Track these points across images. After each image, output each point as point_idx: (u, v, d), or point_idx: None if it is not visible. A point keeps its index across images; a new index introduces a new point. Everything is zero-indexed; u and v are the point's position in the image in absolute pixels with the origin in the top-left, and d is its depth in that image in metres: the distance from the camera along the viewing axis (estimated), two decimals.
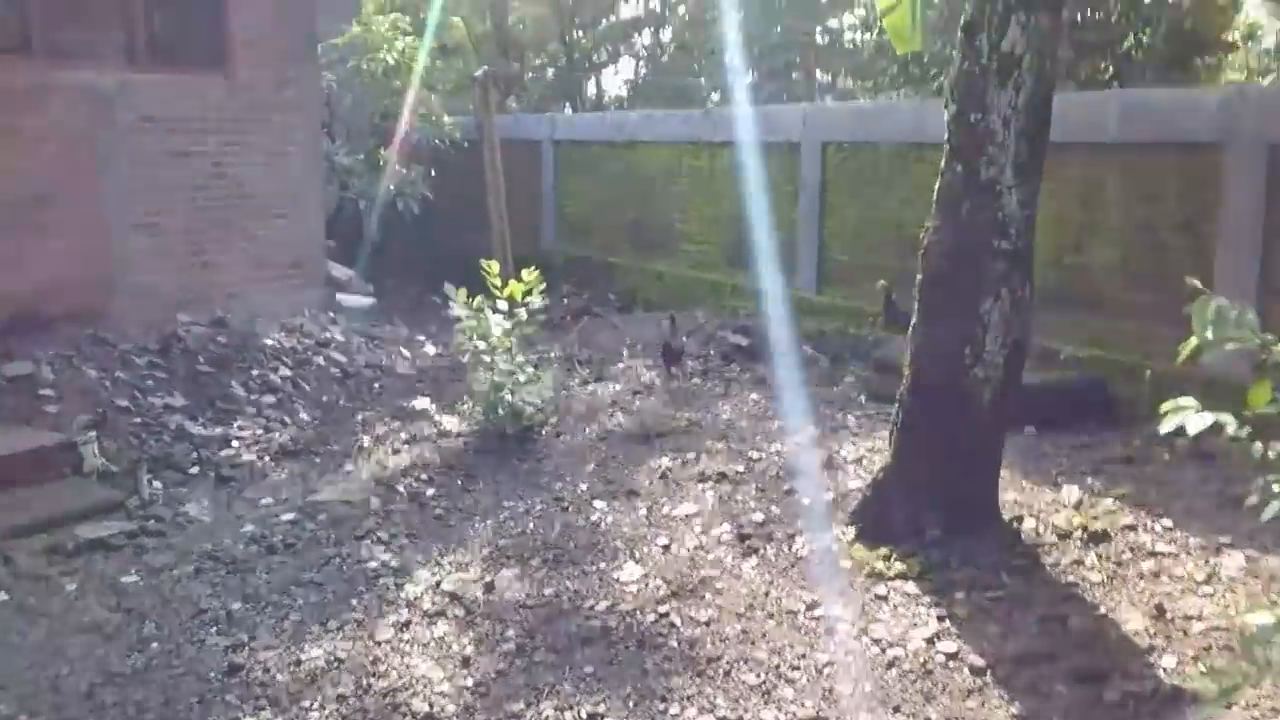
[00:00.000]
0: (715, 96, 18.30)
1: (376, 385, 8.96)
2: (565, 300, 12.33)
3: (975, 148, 4.92)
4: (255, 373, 8.24)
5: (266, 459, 6.85)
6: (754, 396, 8.15)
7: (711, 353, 9.46)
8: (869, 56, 14.19)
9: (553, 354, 9.64)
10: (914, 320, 5.23)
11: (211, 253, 9.20)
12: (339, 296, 10.74)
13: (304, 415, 7.92)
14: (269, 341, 8.78)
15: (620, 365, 9.33)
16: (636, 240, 12.33)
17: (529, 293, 7.27)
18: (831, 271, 9.73)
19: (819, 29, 17.51)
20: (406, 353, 10.10)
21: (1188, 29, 11.45)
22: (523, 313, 7.29)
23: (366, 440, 7.26)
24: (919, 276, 5.19)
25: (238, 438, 7.21)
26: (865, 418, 7.38)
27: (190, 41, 9.14)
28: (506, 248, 11.60)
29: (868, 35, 14.39)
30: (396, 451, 6.95)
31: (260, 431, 7.45)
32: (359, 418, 7.93)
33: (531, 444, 7.05)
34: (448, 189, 12.84)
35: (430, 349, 10.43)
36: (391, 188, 12.18)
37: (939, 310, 5.08)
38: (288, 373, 8.46)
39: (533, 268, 7.31)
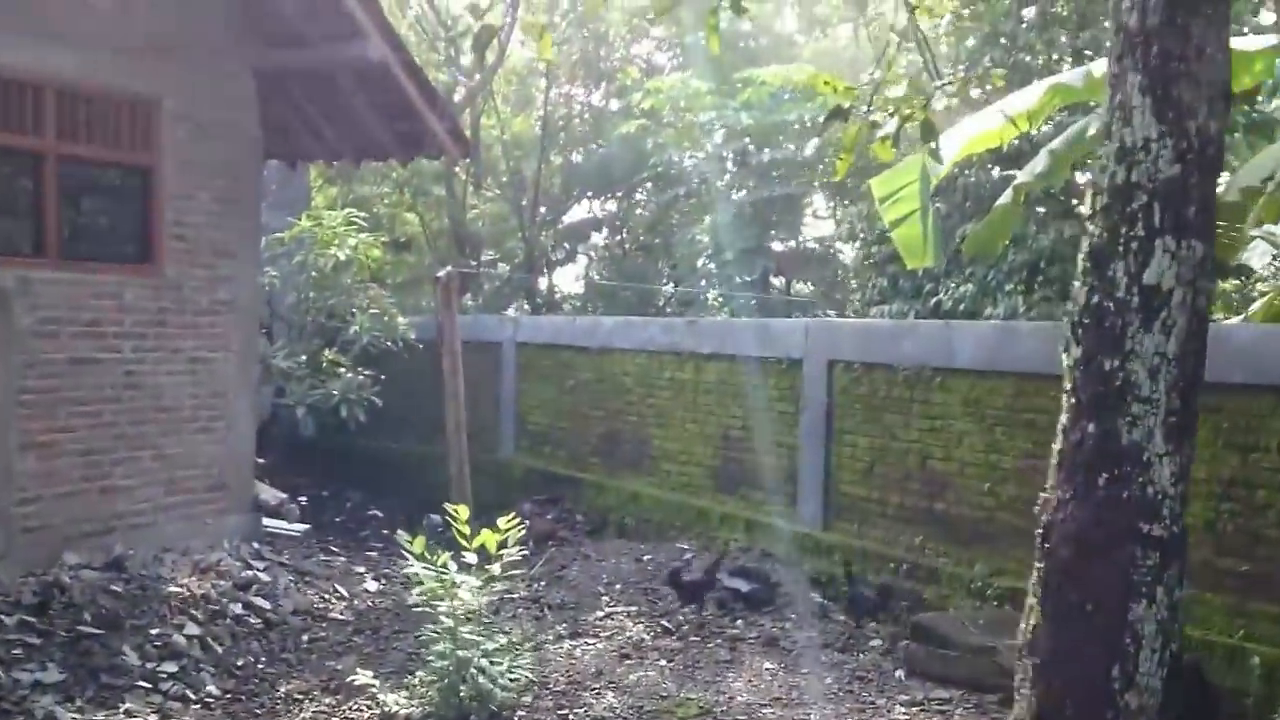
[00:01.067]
0: (675, 298, 17.56)
1: (305, 638, 7.43)
2: (527, 521, 10.91)
3: (1112, 403, 3.80)
4: (155, 632, 6.67)
5: None
6: (768, 666, 6.74)
7: (705, 599, 8.07)
8: (857, 268, 13.46)
9: (516, 593, 8.19)
10: (1031, 623, 3.97)
11: (115, 476, 7.73)
12: (266, 523, 9.24)
13: (211, 688, 6.34)
14: (175, 589, 7.24)
15: (600, 613, 7.90)
16: (609, 455, 11.08)
17: (504, 544, 5.95)
18: (840, 505, 8.52)
19: (797, 239, 16.98)
20: (344, 590, 8.58)
21: None
22: (496, 568, 5.95)
23: None
24: (1037, 566, 3.96)
25: None
26: (919, 711, 5.98)
27: (111, 234, 7.94)
28: (463, 461, 10.27)
29: (854, 245, 13.69)
30: None
31: (153, 717, 5.85)
32: (281, 691, 6.37)
33: None
34: (396, 389, 11.56)
35: (371, 584, 8.92)
36: (335, 393, 10.87)
37: (1072, 616, 3.83)
38: (196, 630, 6.89)
39: (498, 515, 6.00)
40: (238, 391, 8.56)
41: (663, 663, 6.83)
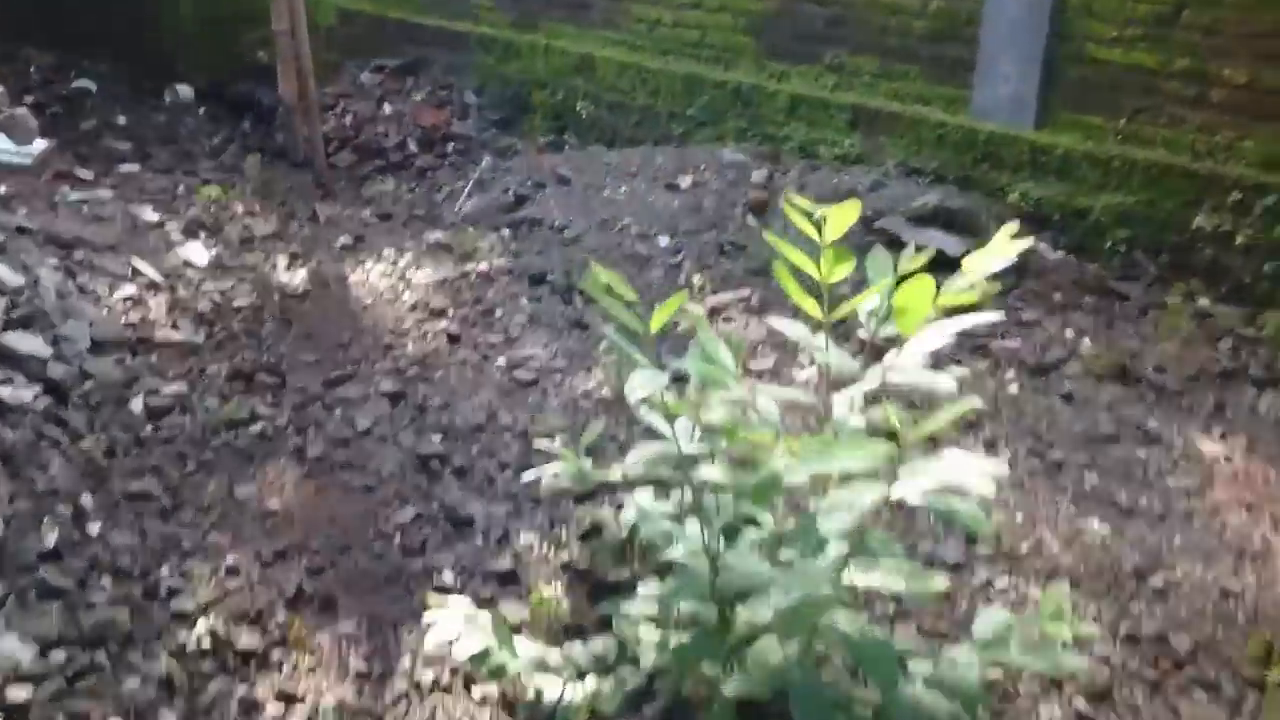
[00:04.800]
0: None
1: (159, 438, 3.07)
2: (386, 107, 6.32)
3: None
4: None
5: None
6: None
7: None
8: None
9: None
10: None
11: None
12: None
13: None
14: None
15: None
16: None
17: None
18: (1072, 85, 4.75)
19: None
20: (155, 272, 4.04)
21: None
22: None
23: None
24: None
25: None
26: None
27: None
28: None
29: None
30: None
31: None
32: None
33: None
34: None
35: (197, 252, 4.38)
36: None
37: None
38: None
39: None
40: None
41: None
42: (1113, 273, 4.28)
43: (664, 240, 4.71)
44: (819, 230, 1.76)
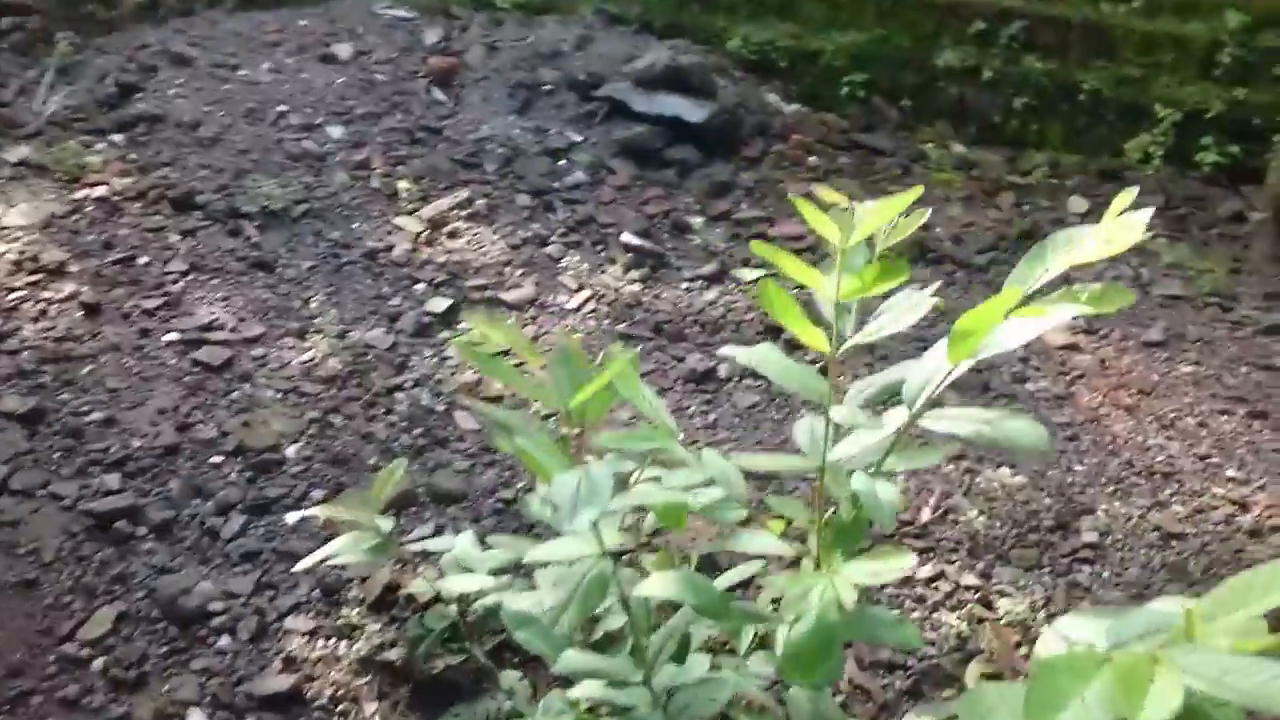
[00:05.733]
0: None
1: None
2: None
3: None
4: None
5: None
6: None
7: (581, 150, 3.70)
8: None
9: None
10: None
11: None
12: None
13: None
14: None
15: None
16: None
17: None
18: None
19: None
20: None
21: None
22: None
23: None
24: None
25: None
26: None
27: None
28: None
29: None
30: None
31: None
32: None
33: None
34: None
35: None
36: None
37: None
38: None
39: None
40: None
41: None
42: (855, 124, 3.90)
43: (336, 130, 3.75)
44: (841, 229, 1.09)
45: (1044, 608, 2.01)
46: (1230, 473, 2.37)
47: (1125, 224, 0.97)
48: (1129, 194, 0.97)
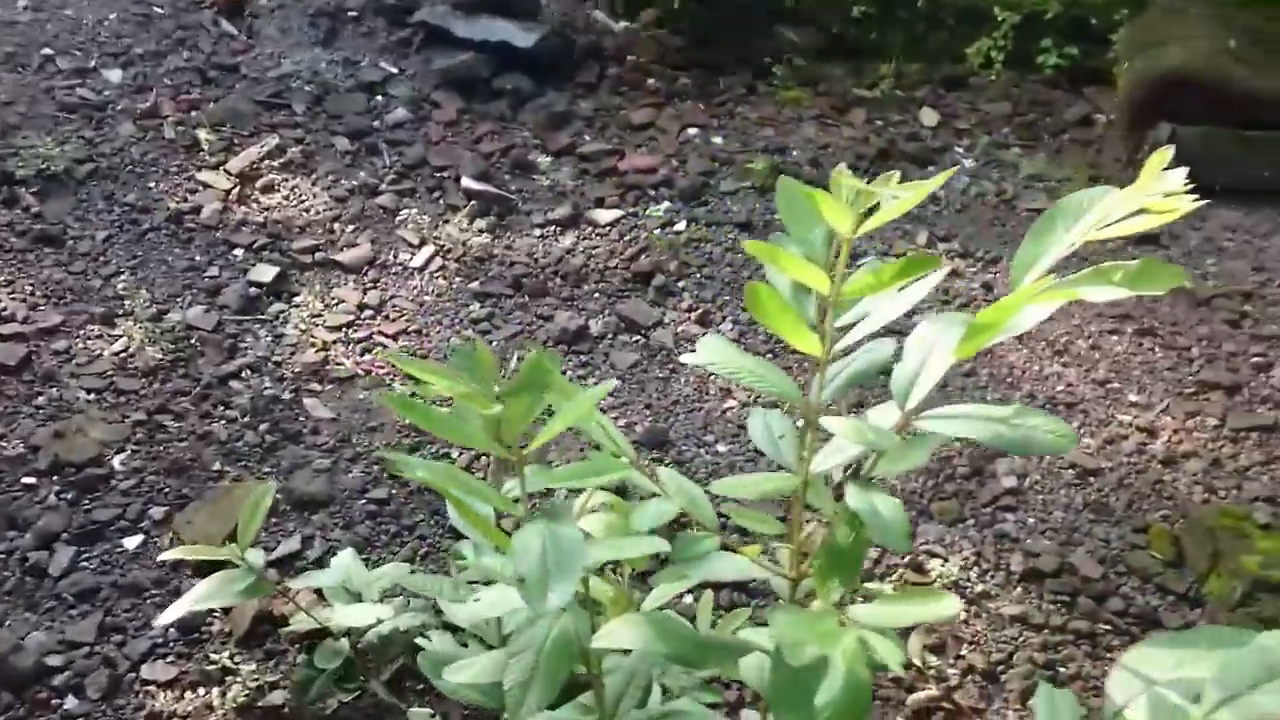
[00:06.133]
0: None
1: None
2: None
3: None
4: None
5: None
6: None
7: (400, 83, 3.41)
8: None
9: None
10: None
11: None
12: None
13: None
14: None
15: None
16: None
17: None
18: None
19: None
20: None
21: None
22: None
23: None
24: None
25: None
26: None
27: None
28: None
29: None
30: None
31: None
32: None
33: None
34: None
35: None
36: None
37: None
38: None
39: None
40: None
41: None
42: (684, 40, 3.71)
43: (115, 74, 3.30)
44: (843, 217, 0.92)
45: (975, 565, 1.97)
46: (1132, 397, 2.38)
47: (1163, 183, 0.83)
48: (1164, 153, 0.84)
